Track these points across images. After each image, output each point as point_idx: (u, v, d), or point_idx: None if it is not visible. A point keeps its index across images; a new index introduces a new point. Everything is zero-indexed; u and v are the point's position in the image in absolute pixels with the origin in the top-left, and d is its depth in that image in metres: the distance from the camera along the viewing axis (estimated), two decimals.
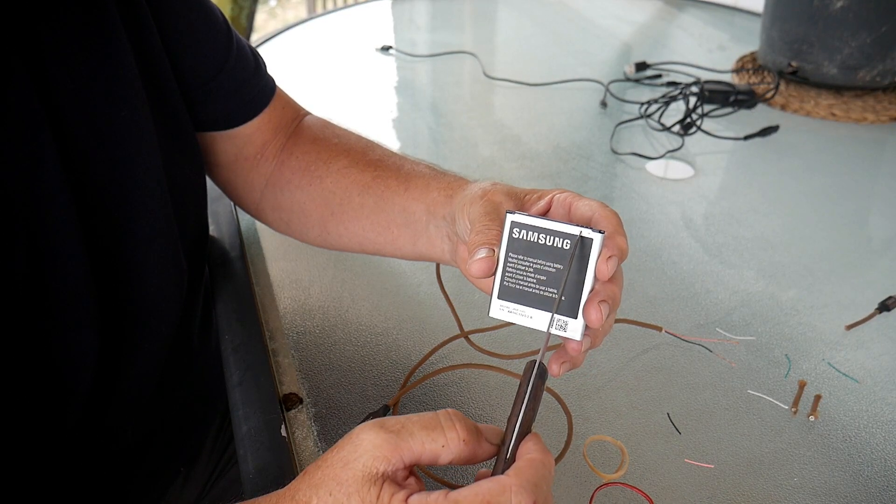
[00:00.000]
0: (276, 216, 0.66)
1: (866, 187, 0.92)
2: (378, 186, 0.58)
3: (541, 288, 0.41)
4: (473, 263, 0.42)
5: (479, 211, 0.45)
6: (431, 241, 0.54)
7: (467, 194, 0.48)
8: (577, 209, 0.44)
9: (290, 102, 0.67)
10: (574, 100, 1.15)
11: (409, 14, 1.60)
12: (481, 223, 0.44)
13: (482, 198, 0.46)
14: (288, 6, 4.98)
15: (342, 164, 0.61)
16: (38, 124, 0.44)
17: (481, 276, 0.42)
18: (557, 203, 0.45)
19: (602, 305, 0.40)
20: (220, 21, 0.60)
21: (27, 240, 0.44)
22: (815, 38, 1.11)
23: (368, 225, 0.59)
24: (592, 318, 0.40)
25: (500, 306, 0.42)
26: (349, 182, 0.60)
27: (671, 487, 0.51)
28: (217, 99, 0.60)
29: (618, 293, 0.42)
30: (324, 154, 0.63)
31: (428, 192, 0.54)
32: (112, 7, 0.49)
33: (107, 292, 0.50)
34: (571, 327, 0.41)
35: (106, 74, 0.48)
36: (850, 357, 0.63)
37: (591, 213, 0.43)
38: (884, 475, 0.52)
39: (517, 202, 0.46)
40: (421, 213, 0.54)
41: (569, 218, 0.44)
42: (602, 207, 0.44)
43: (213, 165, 0.65)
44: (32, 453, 0.50)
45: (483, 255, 0.42)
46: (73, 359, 0.49)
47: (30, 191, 0.44)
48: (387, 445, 0.35)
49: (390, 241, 0.58)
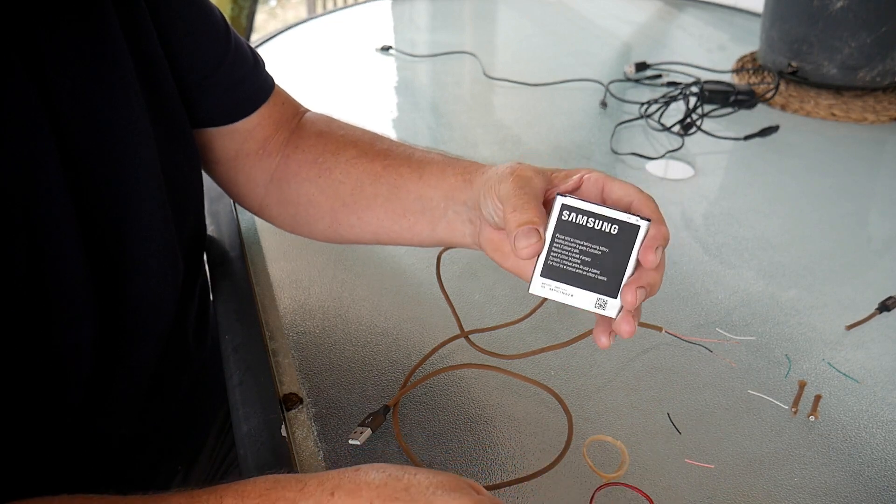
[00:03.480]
0: (281, 211, 0.66)
1: (866, 187, 0.92)
2: (390, 175, 0.58)
3: (584, 269, 0.44)
4: (522, 249, 0.43)
5: (510, 188, 0.45)
6: (451, 226, 0.55)
7: (492, 175, 0.48)
8: (611, 191, 0.45)
9: (289, 99, 0.67)
10: (574, 100, 1.15)
11: (409, 14, 1.60)
12: (516, 199, 0.44)
13: (511, 174, 0.46)
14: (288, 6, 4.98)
15: (351, 155, 0.61)
16: (38, 124, 0.44)
17: (531, 258, 0.43)
18: (589, 183, 0.46)
19: (639, 290, 0.43)
20: (217, 18, 0.60)
21: (27, 238, 0.44)
22: (815, 38, 1.11)
23: (383, 214, 0.59)
24: (628, 300, 0.43)
25: (542, 284, 0.44)
26: (360, 172, 0.60)
27: (671, 487, 0.51)
28: (216, 95, 0.60)
29: (658, 280, 0.44)
30: (331, 146, 0.63)
31: (444, 177, 0.54)
32: (110, 8, 0.49)
33: (104, 289, 0.50)
34: (610, 305, 0.44)
35: (103, 75, 0.49)
36: (851, 357, 0.63)
37: (628, 197, 0.45)
38: (884, 475, 0.52)
39: (545, 179, 0.46)
40: (438, 199, 0.55)
41: (602, 199, 0.46)
42: (639, 192, 0.45)
43: (213, 163, 0.65)
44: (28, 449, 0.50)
45: (532, 239, 0.42)
46: (71, 353, 0.49)
47: (30, 189, 0.44)
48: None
49: (407, 228, 0.58)
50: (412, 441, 0.54)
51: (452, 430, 0.55)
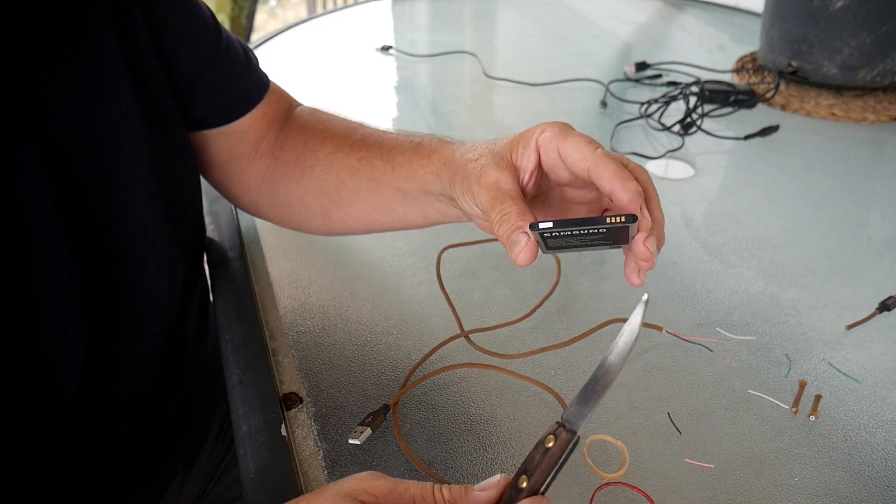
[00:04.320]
0: (276, 212, 0.66)
1: (866, 187, 0.92)
2: (366, 168, 0.58)
3: (587, 240, 0.43)
4: (517, 256, 0.42)
5: (485, 201, 0.44)
6: (441, 211, 0.54)
7: (458, 178, 0.47)
8: (567, 154, 0.43)
9: (284, 96, 0.66)
10: (574, 100, 1.15)
11: (409, 14, 1.60)
12: (496, 213, 0.43)
13: (479, 183, 0.45)
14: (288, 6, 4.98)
15: (328, 151, 0.60)
16: (20, 127, 0.44)
17: (529, 263, 0.42)
18: (545, 147, 0.44)
19: (649, 241, 0.42)
20: (207, 17, 0.59)
21: (11, 243, 0.44)
22: (815, 38, 1.11)
23: (369, 207, 0.59)
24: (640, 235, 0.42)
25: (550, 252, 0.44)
26: (338, 168, 0.59)
27: (672, 487, 0.51)
28: (207, 95, 0.60)
29: (660, 232, 0.43)
30: (310, 143, 0.62)
31: (413, 169, 0.54)
32: (100, 10, 0.49)
33: (96, 295, 0.50)
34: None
35: (93, 75, 0.48)
36: (851, 357, 0.63)
37: (584, 162, 0.42)
38: (884, 475, 0.52)
39: (508, 168, 0.45)
40: (417, 191, 0.54)
41: (562, 158, 0.44)
42: (596, 156, 0.42)
43: (207, 165, 0.65)
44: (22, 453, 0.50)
45: (522, 244, 0.42)
46: (60, 360, 0.49)
47: (10, 194, 0.43)
48: (382, 485, 0.35)
49: (398, 218, 0.58)
50: (412, 441, 0.54)
51: (452, 430, 0.55)
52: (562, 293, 0.69)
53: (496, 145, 0.47)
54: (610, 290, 0.70)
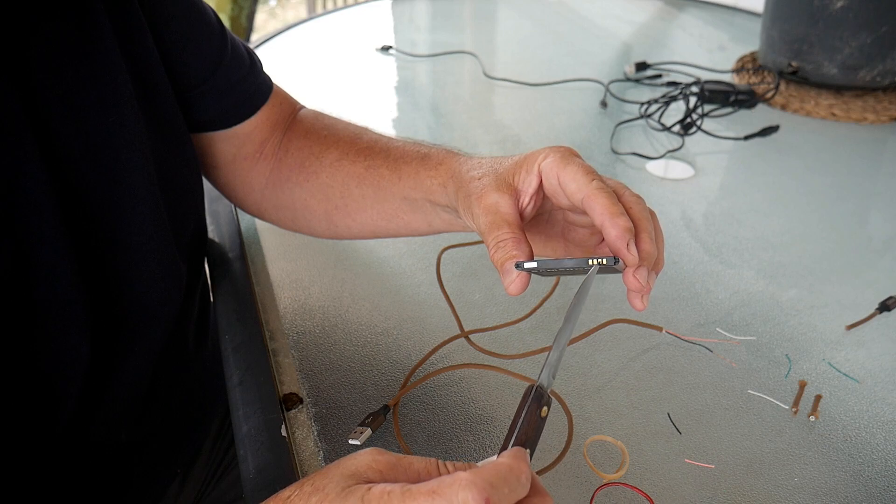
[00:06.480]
0: (280, 215, 0.66)
1: (866, 187, 0.92)
2: (372, 177, 0.58)
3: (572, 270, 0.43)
4: (509, 286, 0.43)
5: (483, 223, 0.45)
6: (446, 220, 0.55)
7: (462, 195, 0.48)
8: (565, 183, 0.44)
9: (287, 98, 0.67)
10: (574, 100, 1.15)
11: (409, 14, 1.60)
12: (492, 238, 0.44)
13: (479, 204, 0.45)
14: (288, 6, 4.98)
15: (334, 157, 0.61)
16: (20, 131, 0.43)
17: (520, 293, 0.43)
18: (546, 174, 0.45)
19: (639, 273, 0.41)
20: (213, 21, 0.60)
21: (12, 247, 0.43)
22: (815, 38, 1.11)
23: (375, 214, 0.59)
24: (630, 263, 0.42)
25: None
26: (344, 175, 0.60)
27: (672, 487, 0.51)
28: (213, 98, 0.60)
29: (652, 250, 0.43)
30: (315, 148, 0.62)
31: (420, 180, 0.54)
32: (102, 12, 0.49)
33: (98, 298, 0.50)
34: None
35: (95, 80, 0.48)
36: (851, 357, 0.63)
37: (579, 193, 0.42)
38: (884, 475, 0.52)
39: (509, 191, 0.45)
40: (423, 200, 0.54)
41: (561, 187, 0.44)
42: (591, 189, 0.42)
43: (211, 167, 0.65)
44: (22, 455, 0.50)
45: (513, 275, 0.42)
46: (62, 364, 0.49)
47: (12, 198, 0.43)
48: (386, 460, 0.35)
49: (403, 225, 0.58)
50: (412, 441, 0.54)
51: (452, 430, 0.55)
52: (562, 293, 0.69)
53: (501, 165, 0.48)
54: (610, 290, 0.70)
